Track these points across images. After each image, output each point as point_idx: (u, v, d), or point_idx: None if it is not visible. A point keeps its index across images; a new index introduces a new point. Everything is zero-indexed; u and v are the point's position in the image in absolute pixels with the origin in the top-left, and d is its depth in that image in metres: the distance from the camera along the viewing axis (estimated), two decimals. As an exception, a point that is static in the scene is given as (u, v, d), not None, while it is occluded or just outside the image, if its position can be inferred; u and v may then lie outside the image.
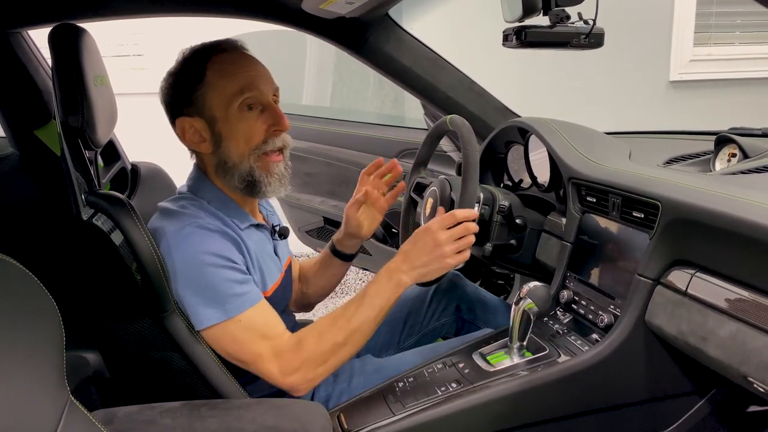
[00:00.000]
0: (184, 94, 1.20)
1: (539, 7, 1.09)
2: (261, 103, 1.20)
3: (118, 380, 1.27)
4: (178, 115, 1.22)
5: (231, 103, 1.18)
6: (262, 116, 1.21)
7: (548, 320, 1.32)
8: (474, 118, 1.75)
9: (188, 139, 1.22)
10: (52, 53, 1.17)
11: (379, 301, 1.18)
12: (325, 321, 1.18)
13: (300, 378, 1.14)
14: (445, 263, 1.17)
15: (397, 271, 1.19)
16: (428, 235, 1.18)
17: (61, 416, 0.74)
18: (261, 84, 1.21)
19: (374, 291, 1.18)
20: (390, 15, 1.65)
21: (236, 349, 1.15)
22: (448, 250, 1.17)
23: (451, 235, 1.17)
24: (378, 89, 3.48)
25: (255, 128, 1.20)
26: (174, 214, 1.18)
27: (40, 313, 0.75)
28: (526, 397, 1.14)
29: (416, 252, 1.18)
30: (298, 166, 2.53)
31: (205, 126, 1.20)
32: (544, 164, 1.49)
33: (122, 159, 1.57)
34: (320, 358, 1.14)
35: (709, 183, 1.09)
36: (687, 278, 1.03)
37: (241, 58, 1.22)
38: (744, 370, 0.92)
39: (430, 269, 1.18)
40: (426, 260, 1.17)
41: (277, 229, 1.35)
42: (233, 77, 1.19)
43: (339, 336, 1.15)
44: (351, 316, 1.17)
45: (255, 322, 1.15)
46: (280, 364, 1.14)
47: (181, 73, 1.21)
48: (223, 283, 1.13)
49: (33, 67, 1.53)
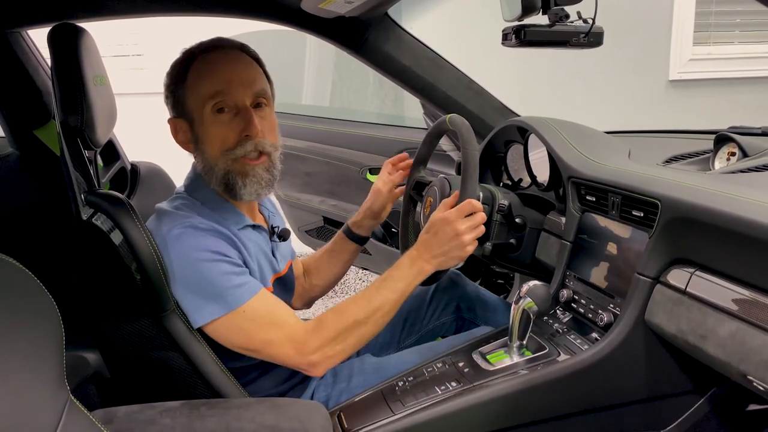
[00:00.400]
0: (170, 94, 1.22)
1: (538, 6, 1.09)
2: (235, 106, 1.18)
3: (118, 380, 1.27)
4: (171, 115, 1.23)
5: (204, 105, 1.17)
6: (235, 120, 1.18)
7: (548, 319, 1.33)
8: (473, 117, 1.75)
9: (178, 140, 1.24)
10: (52, 53, 1.17)
11: (401, 284, 1.20)
12: (345, 302, 1.20)
13: (320, 356, 1.15)
14: (465, 251, 1.22)
15: (418, 258, 1.22)
16: (447, 225, 1.21)
17: (61, 416, 0.74)
18: (235, 87, 1.17)
19: (396, 275, 1.21)
20: (389, 14, 1.65)
21: (244, 340, 1.15)
22: (468, 239, 1.21)
23: (472, 224, 1.22)
24: (378, 89, 3.48)
25: (226, 132, 1.18)
26: (168, 215, 1.18)
27: (40, 312, 0.75)
28: (526, 396, 1.14)
29: (437, 241, 1.21)
30: (297, 166, 2.54)
31: (187, 127, 1.21)
32: (544, 163, 1.49)
33: (122, 159, 1.57)
34: (340, 336, 1.15)
35: (708, 182, 1.09)
36: (687, 277, 1.03)
37: (220, 60, 1.19)
38: (743, 368, 0.92)
39: (449, 257, 1.22)
40: (447, 249, 1.21)
41: (276, 231, 1.34)
42: (208, 79, 1.18)
43: (360, 313, 1.17)
44: (372, 296, 1.19)
45: (259, 310, 1.15)
46: (296, 346, 1.14)
47: (170, 73, 1.22)
48: (220, 276, 1.13)
49: (32, 67, 1.53)
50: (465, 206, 1.22)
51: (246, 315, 1.13)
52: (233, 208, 1.24)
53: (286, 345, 1.14)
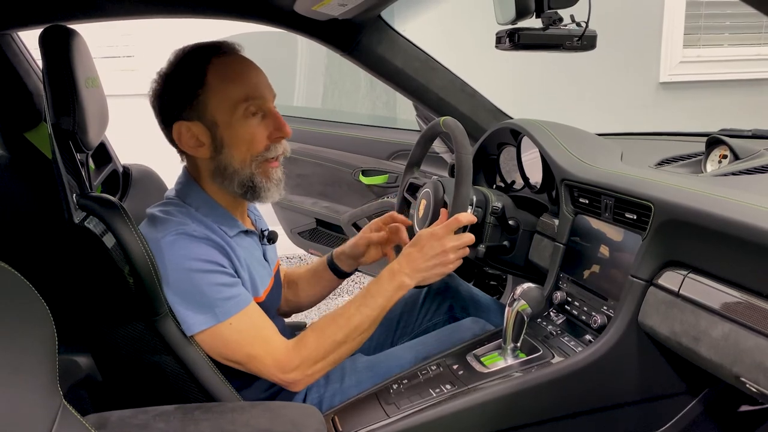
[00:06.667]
0: (182, 97, 1.17)
1: (532, 9, 1.09)
2: (263, 109, 1.19)
3: (111, 384, 1.26)
4: (175, 118, 1.19)
5: (235, 109, 1.16)
6: (264, 123, 1.20)
7: (542, 321, 1.33)
8: (466, 120, 1.75)
9: (184, 144, 1.19)
10: (43, 55, 1.15)
11: (380, 300, 1.20)
12: (325, 319, 1.20)
13: (299, 374, 1.15)
14: (448, 269, 1.23)
15: (400, 273, 1.21)
16: (435, 241, 1.21)
17: (54, 421, 0.73)
18: (264, 90, 1.20)
19: (375, 290, 1.20)
20: (382, 17, 1.65)
21: (229, 352, 1.16)
22: (453, 257, 1.22)
23: (459, 243, 1.22)
24: (369, 91, 3.48)
25: (257, 135, 1.19)
26: (160, 221, 1.17)
27: (33, 317, 0.75)
28: (520, 399, 1.14)
29: (422, 257, 1.21)
30: (290, 168, 2.51)
31: (204, 131, 1.18)
32: (537, 166, 1.50)
33: (114, 161, 1.56)
34: (320, 355, 1.16)
35: (700, 184, 1.10)
36: (679, 279, 1.04)
37: (243, 63, 1.21)
38: (736, 370, 0.92)
39: (432, 273, 1.22)
40: (430, 264, 1.21)
41: (265, 234, 1.34)
42: (237, 83, 1.17)
43: (339, 334, 1.17)
44: (351, 315, 1.18)
45: (245, 324, 1.15)
46: (277, 363, 1.15)
47: (178, 75, 1.18)
48: (211, 287, 1.13)
49: (23, 69, 1.52)
50: (453, 223, 1.22)
51: (233, 328, 1.14)
52: (227, 214, 1.23)
53: (268, 361, 1.15)
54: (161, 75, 1.21)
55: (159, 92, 1.21)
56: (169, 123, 1.20)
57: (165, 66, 1.22)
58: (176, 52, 1.21)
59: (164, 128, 1.23)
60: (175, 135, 1.20)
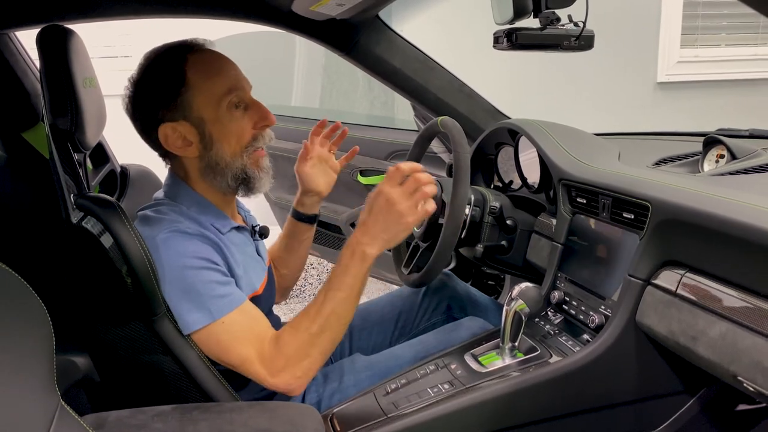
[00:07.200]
0: (164, 98, 1.16)
1: (530, 9, 1.09)
2: (245, 100, 1.21)
3: (109, 384, 1.26)
4: (158, 121, 1.17)
5: (220, 103, 1.17)
6: (248, 113, 1.21)
7: (539, 321, 1.33)
8: (464, 120, 1.75)
9: (171, 145, 1.18)
10: (41, 55, 1.15)
11: (347, 279, 1.14)
12: (299, 316, 1.17)
13: (289, 376, 1.13)
14: (406, 222, 1.12)
15: (358, 244, 1.14)
16: (380, 197, 1.13)
17: (51, 421, 0.73)
18: (243, 81, 1.21)
19: (340, 271, 1.15)
20: (380, 17, 1.65)
21: (222, 353, 1.15)
22: (405, 207, 1.11)
23: (404, 190, 1.12)
24: (367, 91, 3.48)
25: (244, 126, 1.20)
26: (153, 220, 1.17)
27: (31, 317, 0.75)
28: (518, 398, 1.14)
29: (372, 219, 1.13)
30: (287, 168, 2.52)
31: (191, 129, 1.17)
32: (534, 165, 1.50)
33: (111, 161, 1.56)
34: (301, 352, 1.13)
35: (698, 184, 1.10)
36: (677, 279, 1.04)
37: (219, 57, 1.22)
38: (734, 369, 0.93)
39: (391, 233, 1.13)
40: (384, 225, 1.13)
41: (257, 230, 1.34)
42: (219, 77, 1.18)
43: (313, 326, 1.13)
44: (321, 303, 1.14)
45: (238, 323, 1.14)
46: (266, 366, 1.13)
47: (155, 78, 1.18)
48: (205, 284, 1.12)
49: (20, 69, 1.52)
50: (392, 174, 1.13)
51: (225, 327, 1.13)
52: (218, 211, 1.23)
53: (259, 364, 1.13)
54: (134, 81, 1.20)
55: (135, 98, 1.20)
56: (151, 127, 1.19)
57: (136, 72, 1.20)
58: (146, 55, 1.20)
59: (144, 134, 1.22)
60: (161, 138, 1.18)
